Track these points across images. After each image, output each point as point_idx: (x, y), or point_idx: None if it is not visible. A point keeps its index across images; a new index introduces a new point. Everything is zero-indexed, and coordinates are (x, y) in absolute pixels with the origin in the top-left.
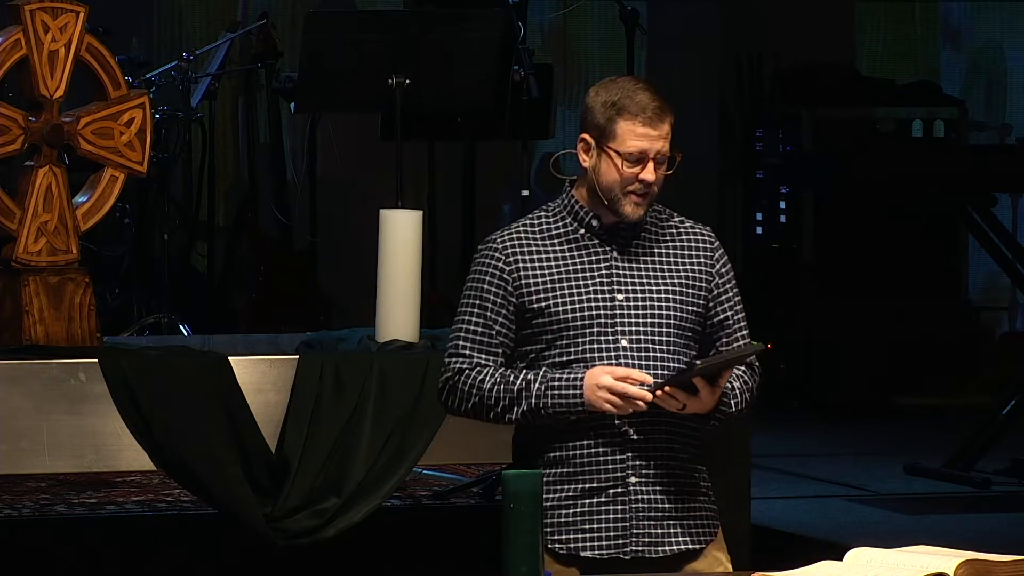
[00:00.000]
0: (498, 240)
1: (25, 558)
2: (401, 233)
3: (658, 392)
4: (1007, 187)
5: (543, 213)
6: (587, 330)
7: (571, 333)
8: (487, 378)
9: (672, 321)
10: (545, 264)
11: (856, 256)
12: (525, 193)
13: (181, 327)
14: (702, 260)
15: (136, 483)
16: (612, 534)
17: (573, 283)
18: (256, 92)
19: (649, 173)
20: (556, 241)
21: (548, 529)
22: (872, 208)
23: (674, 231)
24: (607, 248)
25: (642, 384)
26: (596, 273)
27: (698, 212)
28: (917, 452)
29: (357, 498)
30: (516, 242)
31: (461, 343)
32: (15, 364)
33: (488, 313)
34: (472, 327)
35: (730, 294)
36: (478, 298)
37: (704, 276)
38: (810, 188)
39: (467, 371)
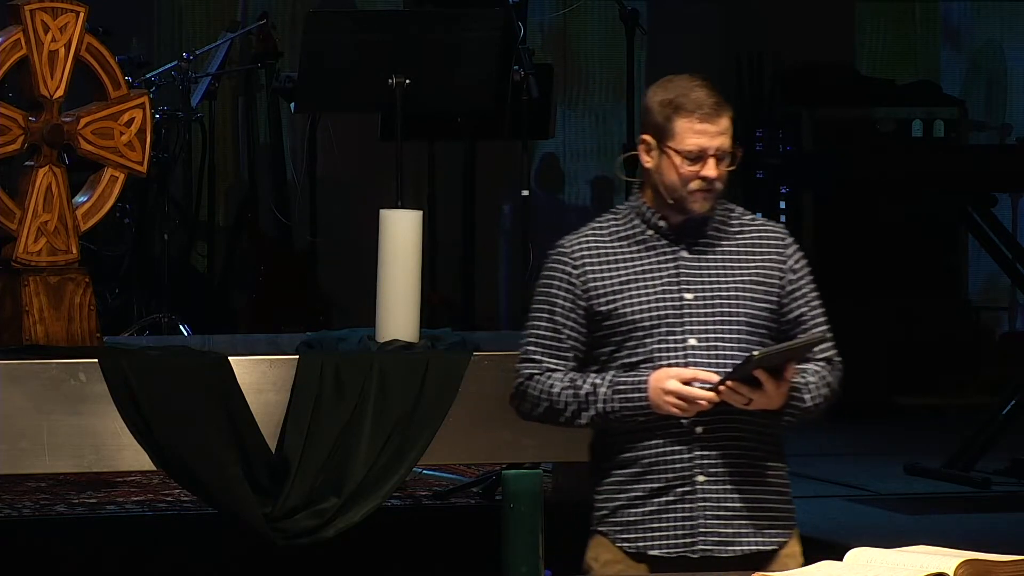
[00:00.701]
0: (567, 245)
1: (25, 558)
2: (401, 233)
3: (721, 388)
4: (1007, 187)
5: (612, 216)
6: (655, 330)
7: (639, 334)
8: (556, 383)
9: (742, 319)
10: (613, 266)
11: (856, 256)
12: (525, 193)
13: (181, 327)
14: (773, 256)
15: (136, 483)
16: (680, 532)
17: (641, 284)
18: (256, 92)
19: (710, 170)
20: (625, 243)
21: (617, 528)
22: (872, 208)
23: (744, 228)
24: (675, 248)
25: (707, 383)
26: (664, 273)
27: None
28: (917, 452)
29: (357, 498)
30: (584, 246)
31: (531, 348)
32: (15, 364)
33: (556, 318)
34: (541, 332)
35: (805, 290)
36: (547, 303)
37: (775, 273)
38: (810, 188)
39: (537, 376)
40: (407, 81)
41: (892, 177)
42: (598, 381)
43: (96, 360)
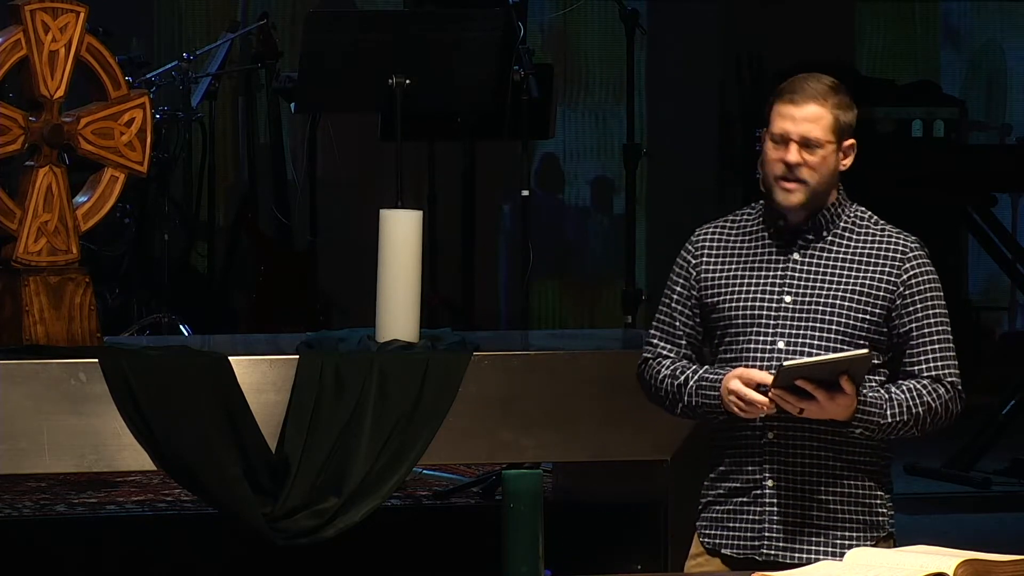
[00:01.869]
0: (696, 233)
1: (25, 558)
2: (401, 233)
3: (770, 394)
4: (1007, 187)
5: (749, 209)
6: (748, 329)
7: (734, 331)
8: (664, 370)
9: (835, 327)
10: (729, 260)
11: None
12: (525, 193)
13: (181, 327)
14: (887, 268)
15: (136, 483)
16: (749, 535)
17: (746, 281)
18: (256, 92)
19: (791, 155)
20: (747, 238)
21: (703, 524)
22: (871, 208)
23: (868, 237)
24: (788, 249)
25: (765, 386)
26: (771, 273)
27: (698, 212)
28: (917, 452)
29: (357, 498)
30: (708, 237)
31: (652, 331)
32: (15, 364)
33: (673, 304)
34: (661, 317)
35: (918, 307)
36: (668, 289)
37: (886, 285)
38: None
39: (650, 360)
40: (407, 81)
41: (892, 177)
42: (690, 374)
43: (96, 360)
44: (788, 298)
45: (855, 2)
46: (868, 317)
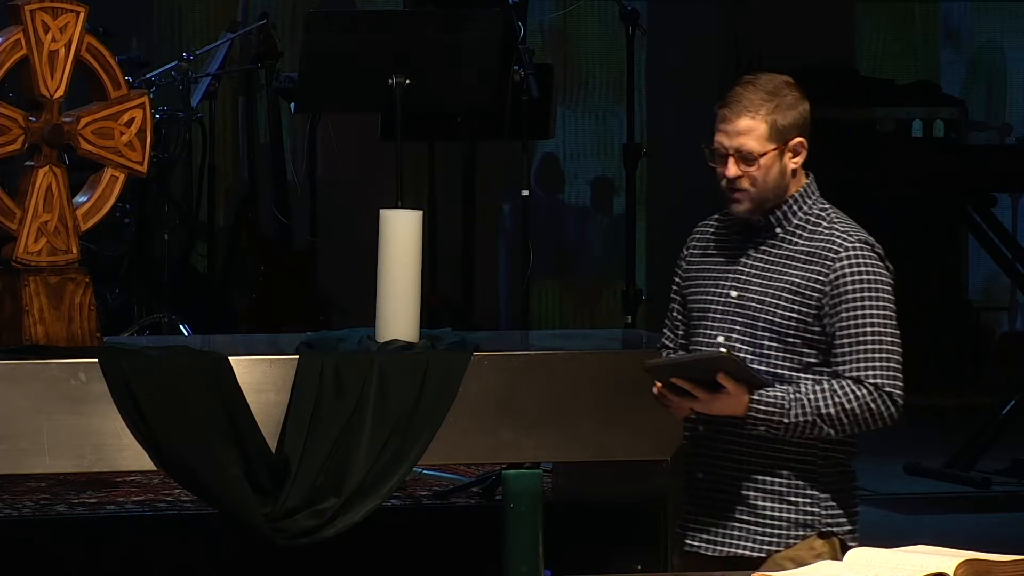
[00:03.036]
0: (696, 227)
1: (25, 558)
2: (401, 233)
3: (654, 391)
4: (1007, 187)
5: None
6: (701, 323)
7: (693, 324)
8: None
9: (765, 324)
10: (705, 256)
11: None
12: (525, 193)
13: (181, 327)
14: (818, 268)
15: (136, 483)
16: (687, 523)
17: (707, 277)
18: (256, 92)
19: (729, 169)
20: (724, 235)
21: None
22: (871, 208)
23: (814, 235)
24: (746, 244)
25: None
26: (727, 268)
27: (698, 212)
28: (917, 452)
29: (357, 498)
30: (701, 231)
31: (665, 321)
32: (15, 364)
33: (672, 296)
34: (669, 308)
35: (846, 307)
36: (672, 281)
37: (815, 284)
38: None
39: (660, 350)
40: (407, 81)
41: (892, 177)
42: None
43: (96, 360)
44: (734, 293)
45: (855, 2)
46: (796, 316)
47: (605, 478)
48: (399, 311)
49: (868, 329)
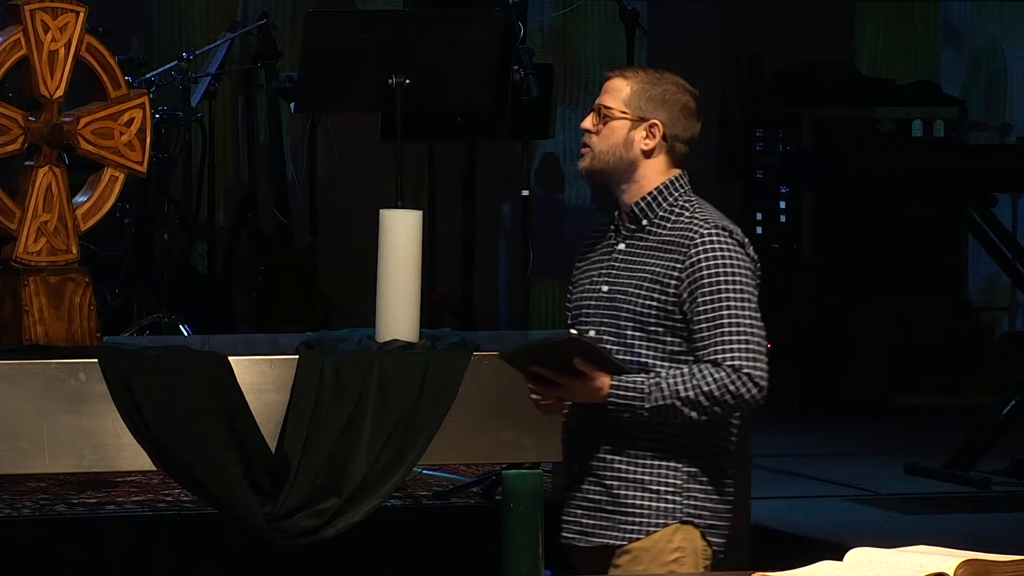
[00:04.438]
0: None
1: (25, 558)
2: (401, 233)
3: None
4: (1007, 187)
5: None
6: (579, 318)
7: (571, 319)
8: None
9: (626, 315)
10: (588, 255)
11: (856, 256)
12: (525, 193)
13: (181, 327)
14: (675, 256)
15: (136, 483)
16: (564, 515)
17: (586, 275)
18: (256, 92)
19: (586, 120)
20: (604, 233)
21: None
22: (872, 208)
23: (675, 225)
24: (617, 239)
25: None
26: (601, 265)
27: None
28: (917, 452)
29: (357, 498)
30: (592, 234)
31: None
32: (15, 364)
33: (566, 297)
34: None
35: (703, 292)
36: None
37: (673, 273)
38: (810, 188)
39: None
40: (407, 81)
41: (892, 177)
42: None
43: (96, 360)
44: (605, 287)
45: (855, 2)
46: (656, 305)
47: None
48: (399, 311)
49: (725, 312)
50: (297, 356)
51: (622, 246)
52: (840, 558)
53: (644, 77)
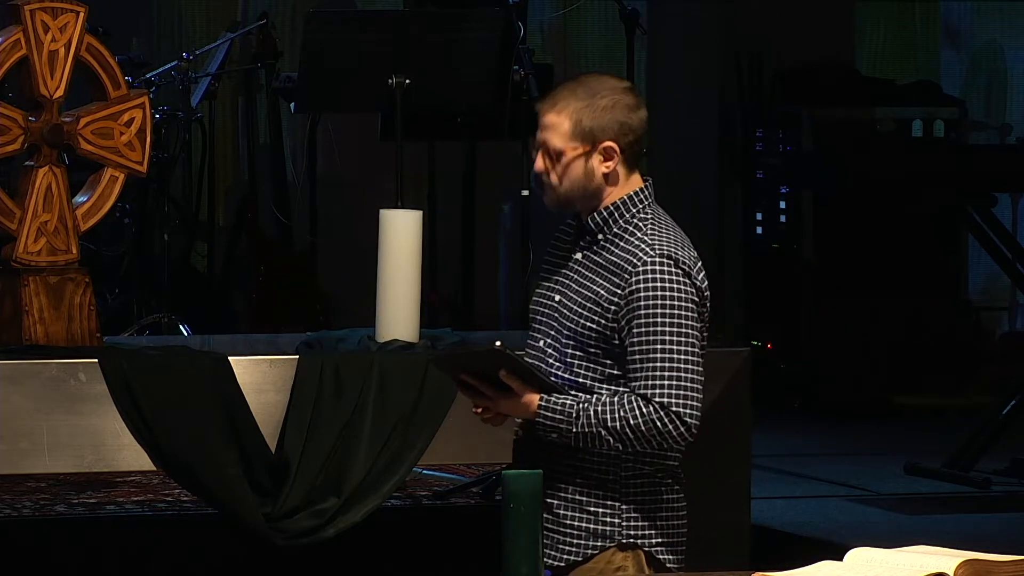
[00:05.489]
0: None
1: (25, 558)
2: (401, 233)
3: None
4: (1007, 187)
5: None
6: (533, 327)
7: (530, 320)
8: None
9: (568, 332)
10: (549, 259)
11: (856, 256)
12: (525, 193)
13: (181, 327)
14: (616, 280)
15: (136, 483)
16: None
17: (544, 281)
18: (256, 92)
19: (536, 162)
20: (565, 238)
21: None
22: (872, 208)
23: (625, 244)
24: (573, 250)
25: None
26: (558, 273)
27: (698, 212)
28: (917, 452)
29: (357, 498)
30: (557, 236)
31: None
32: (15, 364)
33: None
34: None
35: (639, 322)
36: None
37: (612, 298)
38: (810, 188)
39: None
40: (407, 81)
41: (892, 177)
42: None
43: (96, 360)
44: (557, 297)
45: (855, 2)
46: (594, 327)
47: None
48: (399, 311)
49: (659, 346)
50: (297, 356)
51: (579, 256)
52: (840, 558)
53: (575, 102)
